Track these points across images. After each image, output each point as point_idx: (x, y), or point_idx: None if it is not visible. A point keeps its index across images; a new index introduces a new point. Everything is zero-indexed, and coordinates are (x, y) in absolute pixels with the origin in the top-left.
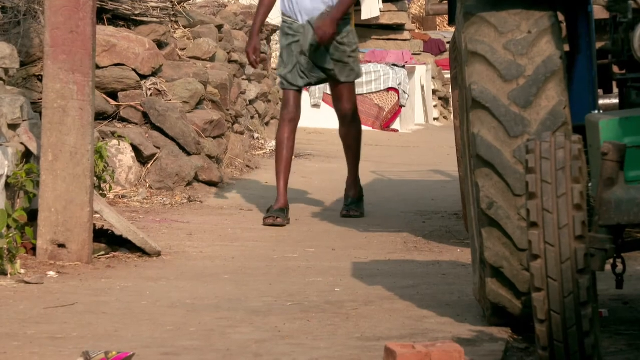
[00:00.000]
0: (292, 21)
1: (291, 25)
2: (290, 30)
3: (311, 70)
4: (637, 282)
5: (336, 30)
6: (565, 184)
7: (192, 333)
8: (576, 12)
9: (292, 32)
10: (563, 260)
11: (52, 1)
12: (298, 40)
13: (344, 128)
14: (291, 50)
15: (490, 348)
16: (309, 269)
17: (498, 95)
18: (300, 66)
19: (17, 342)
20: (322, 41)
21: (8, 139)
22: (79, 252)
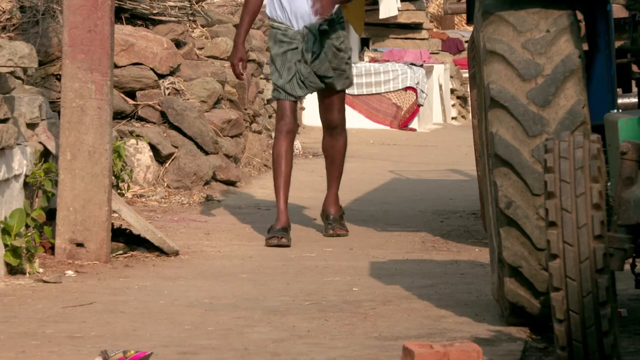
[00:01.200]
0: (285, 27)
1: (285, 32)
2: (285, 37)
3: (311, 80)
4: None
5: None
6: (584, 183)
7: (210, 332)
8: (595, 11)
9: (288, 39)
10: (582, 260)
11: (71, 0)
12: (295, 48)
13: (330, 139)
14: (287, 59)
15: (508, 348)
16: (327, 268)
17: (516, 95)
18: (300, 75)
19: (35, 341)
20: (319, 14)
21: (27, 138)
22: (97, 251)
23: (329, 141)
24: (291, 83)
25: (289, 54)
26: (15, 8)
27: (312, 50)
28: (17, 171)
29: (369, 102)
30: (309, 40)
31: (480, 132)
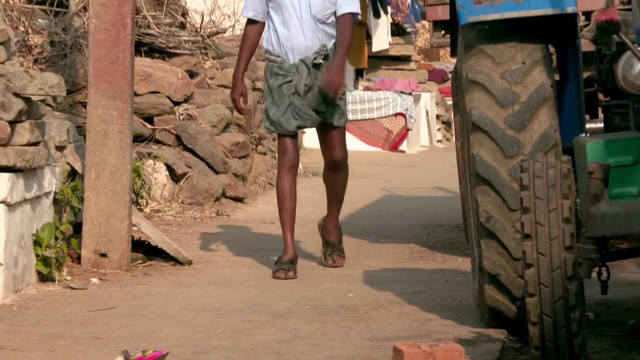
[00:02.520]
0: (281, 61)
1: (281, 65)
2: (280, 70)
3: (305, 112)
4: (620, 288)
5: (343, 82)
6: (555, 199)
7: (220, 334)
8: (565, 45)
9: (283, 72)
10: (554, 269)
11: (95, 35)
12: (290, 81)
13: (332, 174)
14: (282, 92)
15: (488, 348)
16: (325, 276)
17: (495, 120)
18: (294, 107)
19: (64, 342)
20: (336, 94)
21: (56, 159)
22: (118, 260)
23: (330, 175)
24: (285, 115)
25: (284, 86)
26: (46, 43)
27: (305, 82)
28: (47, 189)
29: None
30: (303, 72)
31: (463, 154)
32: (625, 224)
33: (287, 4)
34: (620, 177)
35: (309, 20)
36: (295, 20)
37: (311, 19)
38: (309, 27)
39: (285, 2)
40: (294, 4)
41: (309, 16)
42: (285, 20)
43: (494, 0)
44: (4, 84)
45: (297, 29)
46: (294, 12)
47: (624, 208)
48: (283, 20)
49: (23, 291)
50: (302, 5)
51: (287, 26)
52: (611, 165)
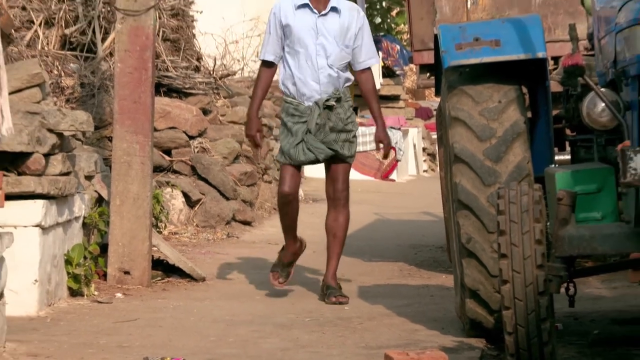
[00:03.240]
0: (297, 103)
1: (297, 107)
2: (296, 111)
3: (316, 146)
4: (585, 302)
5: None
6: (528, 223)
7: (230, 343)
8: (536, 86)
9: (299, 114)
10: (527, 285)
11: (120, 78)
12: (305, 121)
13: (334, 214)
14: (297, 130)
15: (468, 355)
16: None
17: (475, 152)
18: (306, 144)
19: (92, 350)
20: (389, 149)
21: (85, 187)
22: (140, 277)
23: (332, 216)
24: (296, 149)
25: (299, 126)
26: (76, 84)
27: (316, 121)
28: (77, 214)
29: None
30: (315, 113)
31: (446, 182)
32: (589, 245)
33: (305, 52)
34: (585, 203)
35: (325, 67)
36: (312, 66)
37: (327, 66)
38: (324, 74)
39: (301, 50)
40: (311, 52)
41: (326, 64)
42: (302, 66)
43: (474, 47)
44: (39, 121)
45: (312, 74)
46: (311, 60)
47: (589, 231)
48: (299, 66)
49: (55, 305)
50: (320, 54)
51: (303, 72)
52: (577, 193)
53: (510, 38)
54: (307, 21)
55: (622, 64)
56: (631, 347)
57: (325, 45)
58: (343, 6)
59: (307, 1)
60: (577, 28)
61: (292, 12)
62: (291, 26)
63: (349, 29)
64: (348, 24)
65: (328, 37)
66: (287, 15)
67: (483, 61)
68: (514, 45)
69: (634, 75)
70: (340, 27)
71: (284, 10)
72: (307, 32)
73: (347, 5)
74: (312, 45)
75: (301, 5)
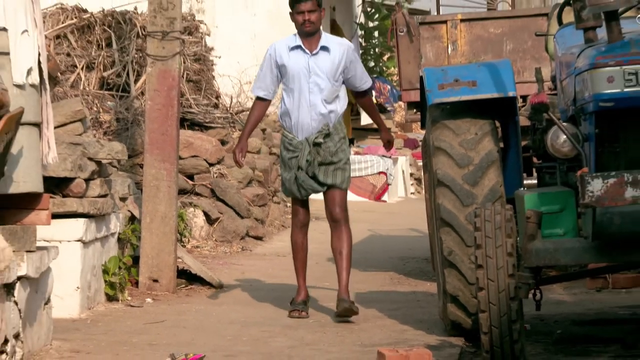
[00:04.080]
0: (292, 137)
1: (291, 141)
2: (290, 145)
3: (307, 183)
4: (550, 305)
5: None
6: (501, 238)
7: (244, 341)
8: (508, 121)
9: (292, 148)
10: (500, 291)
11: (150, 114)
12: (297, 156)
13: (337, 233)
14: (291, 164)
15: (450, 352)
16: (325, 297)
17: (455, 177)
18: (299, 179)
19: (125, 347)
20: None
21: (119, 207)
22: (167, 285)
23: (335, 237)
24: (294, 185)
25: (292, 160)
26: (112, 119)
27: (306, 158)
28: (113, 230)
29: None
30: (305, 150)
31: (430, 203)
32: (553, 257)
33: (298, 90)
34: (550, 221)
35: (317, 104)
36: (304, 104)
37: (319, 103)
38: (315, 111)
39: (296, 88)
40: (304, 90)
41: (318, 100)
42: (296, 103)
43: (454, 87)
44: (81, 150)
45: (305, 111)
46: (303, 98)
47: (553, 245)
48: (294, 103)
49: (94, 308)
50: (313, 91)
51: (298, 108)
52: (543, 212)
53: (485, 79)
54: (300, 61)
55: (581, 102)
56: (589, 344)
57: (319, 83)
58: (332, 43)
59: (300, 43)
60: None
61: (287, 53)
62: (286, 66)
63: (340, 64)
64: (339, 60)
65: (321, 75)
66: (282, 55)
67: (462, 99)
68: (488, 85)
69: (590, 111)
70: (332, 64)
71: (279, 51)
72: (300, 71)
73: (336, 41)
74: (306, 84)
75: (294, 46)
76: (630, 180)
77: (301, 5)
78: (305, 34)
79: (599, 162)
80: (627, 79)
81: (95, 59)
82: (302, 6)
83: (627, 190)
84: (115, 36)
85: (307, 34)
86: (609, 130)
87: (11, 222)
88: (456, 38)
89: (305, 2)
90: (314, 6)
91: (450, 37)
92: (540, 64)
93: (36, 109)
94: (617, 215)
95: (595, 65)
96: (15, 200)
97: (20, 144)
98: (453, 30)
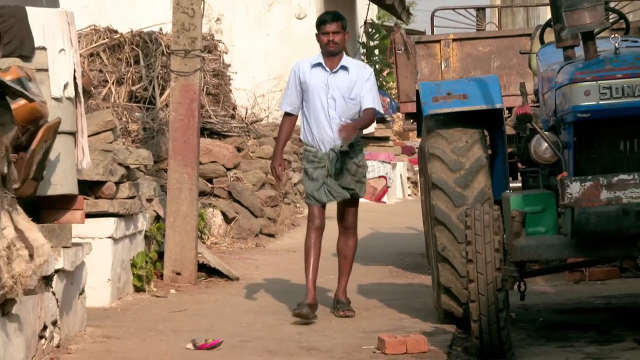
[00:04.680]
0: (315, 150)
1: (316, 154)
2: (315, 158)
3: (337, 190)
4: (533, 296)
5: (352, 136)
6: (489, 236)
7: (258, 328)
8: (495, 130)
9: (317, 160)
10: (488, 283)
11: (173, 123)
12: (323, 166)
13: (344, 239)
14: (317, 174)
15: (443, 337)
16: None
17: (448, 181)
18: (327, 186)
19: (152, 333)
20: (344, 139)
21: (146, 208)
22: (189, 277)
23: (343, 240)
24: (319, 191)
25: (318, 170)
26: (140, 128)
27: (335, 167)
28: (140, 228)
29: None
30: (333, 159)
31: (425, 204)
32: (536, 252)
33: (318, 105)
34: (533, 220)
35: (336, 118)
36: (324, 118)
37: (337, 117)
38: (335, 124)
39: (316, 103)
40: (324, 104)
41: (336, 115)
42: (317, 117)
43: (447, 99)
44: (111, 157)
45: (326, 125)
46: (323, 112)
47: (536, 241)
48: (314, 118)
49: (124, 298)
50: (331, 106)
51: (318, 123)
52: (527, 212)
53: (474, 93)
54: (320, 78)
55: (561, 113)
56: (568, 331)
57: (336, 98)
58: (352, 64)
59: (322, 60)
60: (525, 86)
61: (309, 70)
62: (307, 82)
63: (356, 84)
64: (356, 79)
65: (337, 92)
66: (304, 72)
67: (454, 111)
68: (477, 98)
69: (569, 122)
70: (349, 83)
71: (302, 69)
72: (320, 87)
73: (356, 63)
74: (325, 99)
75: (316, 64)
76: (605, 183)
77: (327, 26)
78: (328, 53)
79: (577, 167)
80: (602, 93)
81: (125, 75)
82: (328, 27)
83: (602, 192)
84: (143, 54)
85: (330, 53)
86: (586, 139)
87: (49, 221)
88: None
89: (331, 23)
90: (339, 28)
91: (443, 55)
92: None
93: (72, 120)
94: (593, 215)
95: (573, 80)
96: (53, 201)
97: (57, 151)
98: (446, 49)
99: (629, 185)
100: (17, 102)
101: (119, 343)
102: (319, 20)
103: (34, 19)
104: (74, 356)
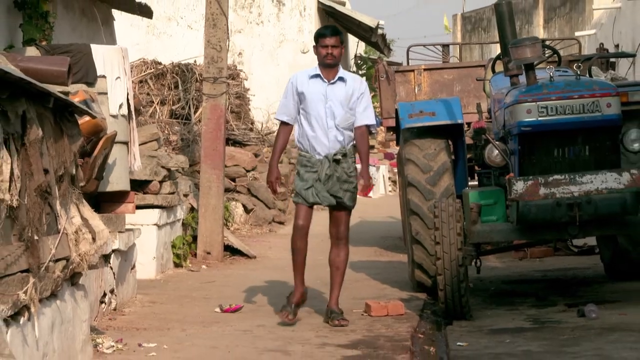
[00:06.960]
0: (310, 156)
1: (309, 160)
2: (309, 163)
3: (323, 194)
4: (486, 270)
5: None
6: (452, 223)
7: (272, 295)
8: (457, 140)
9: (310, 165)
10: (452, 260)
11: (205, 135)
12: (315, 171)
13: (336, 250)
14: (309, 177)
15: (416, 303)
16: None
17: (420, 180)
18: (315, 189)
19: (188, 299)
20: (368, 190)
21: (183, 201)
22: (217, 256)
23: (335, 252)
24: (307, 191)
25: (309, 174)
26: (178, 139)
27: (325, 172)
28: (178, 217)
29: None
30: (324, 165)
31: (402, 198)
32: (489, 236)
33: (315, 115)
34: (486, 211)
35: (333, 127)
36: (321, 127)
37: (334, 127)
38: (332, 132)
39: (313, 113)
40: (322, 114)
41: (333, 124)
42: (313, 126)
43: (419, 116)
44: (156, 161)
45: (322, 133)
46: (320, 121)
47: (489, 227)
48: (311, 126)
49: (166, 272)
50: (328, 115)
51: (315, 131)
52: (482, 205)
53: (441, 111)
54: (318, 89)
55: (509, 127)
56: (514, 297)
57: (333, 109)
58: (348, 76)
59: (319, 72)
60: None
61: (307, 81)
62: (305, 93)
63: (353, 95)
64: (352, 91)
65: (335, 102)
66: (302, 83)
67: (424, 125)
68: (443, 115)
69: (515, 134)
70: (346, 93)
71: (299, 80)
72: (318, 97)
73: (352, 76)
74: (322, 109)
75: (314, 75)
76: (543, 182)
77: (326, 39)
78: (326, 65)
79: (521, 170)
80: (540, 111)
81: (167, 97)
82: (327, 41)
83: (541, 189)
84: (181, 81)
85: (328, 65)
86: (528, 147)
87: (108, 212)
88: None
89: (330, 37)
90: (337, 42)
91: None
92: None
93: (125, 132)
94: (533, 206)
95: (518, 101)
96: (111, 196)
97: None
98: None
99: (562, 184)
100: (83, 119)
101: (162, 307)
102: (318, 34)
103: (97, 53)
104: (127, 317)
